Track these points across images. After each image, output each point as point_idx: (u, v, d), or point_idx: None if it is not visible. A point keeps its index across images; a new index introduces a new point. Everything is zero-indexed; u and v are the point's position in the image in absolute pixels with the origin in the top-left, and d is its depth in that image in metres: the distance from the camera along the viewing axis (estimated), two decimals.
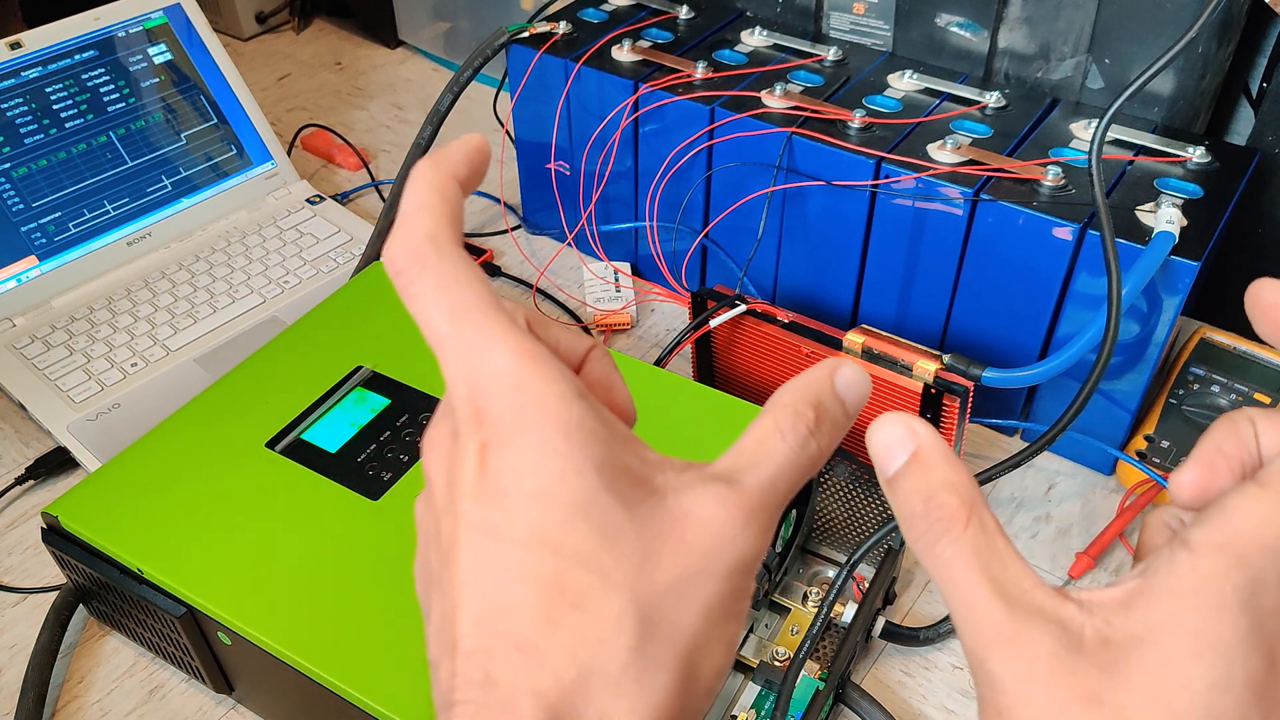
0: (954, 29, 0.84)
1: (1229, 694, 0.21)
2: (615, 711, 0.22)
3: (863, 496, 0.66)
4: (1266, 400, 0.75)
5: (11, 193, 0.84)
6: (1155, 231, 0.65)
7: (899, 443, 0.25)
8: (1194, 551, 0.22)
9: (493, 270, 0.94)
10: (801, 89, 0.80)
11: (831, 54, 0.83)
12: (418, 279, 0.25)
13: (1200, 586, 0.22)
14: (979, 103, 0.78)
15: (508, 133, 0.98)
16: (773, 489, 0.25)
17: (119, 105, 0.90)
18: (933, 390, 0.66)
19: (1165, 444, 0.73)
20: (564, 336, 0.29)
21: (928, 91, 0.80)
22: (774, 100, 0.77)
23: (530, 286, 0.92)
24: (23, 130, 0.85)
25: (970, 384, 0.66)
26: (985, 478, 0.67)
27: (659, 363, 0.75)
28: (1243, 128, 0.87)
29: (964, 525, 0.24)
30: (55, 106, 0.87)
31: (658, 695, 0.23)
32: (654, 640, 0.23)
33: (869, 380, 0.27)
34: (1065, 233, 0.67)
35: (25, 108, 0.85)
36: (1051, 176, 0.69)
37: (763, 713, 0.59)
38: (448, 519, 0.24)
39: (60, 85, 0.87)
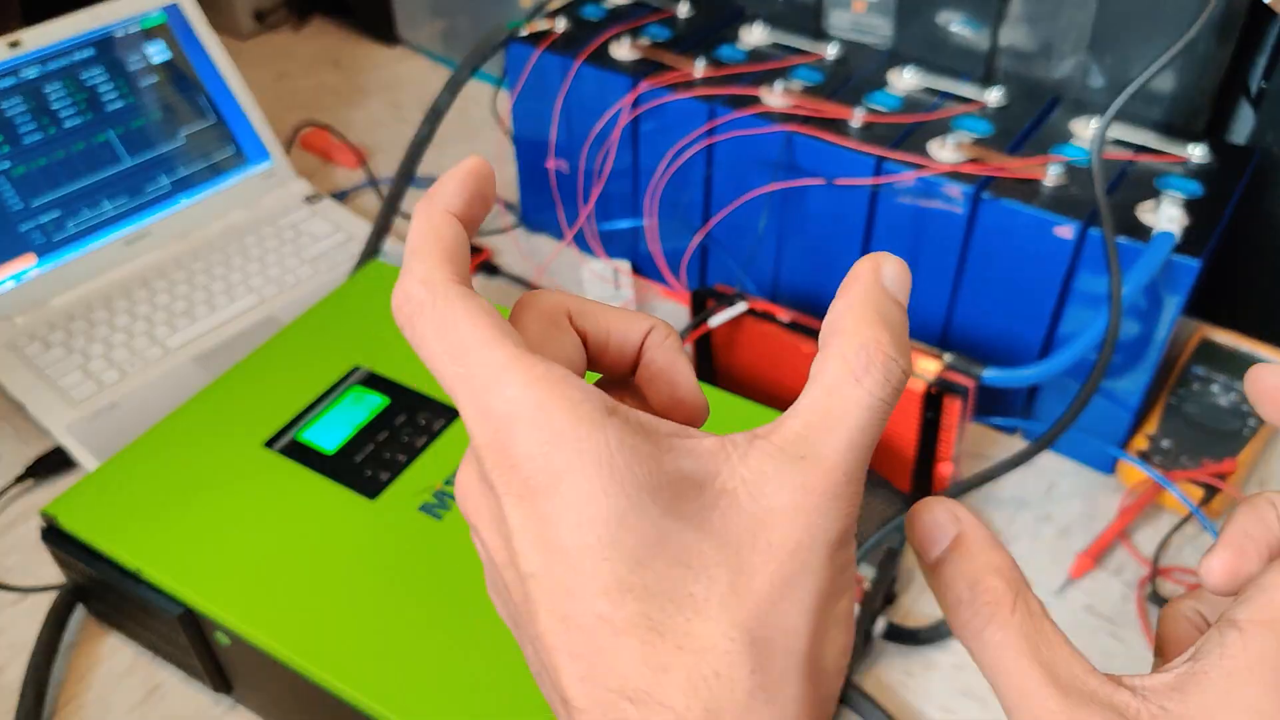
0: (955, 27, 0.84)
1: None
2: None
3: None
4: None
5: (10, 192, 0.84)
6: (1156, 230, 0.65)
7: (941, 528, 0.24)
8: (1244, 631, 0.22)
9: (491, 269, 0.94)
10: (802, 87, 0.79)
11: (832, 52, 0.83)
12: (418, 326, 0.23)
13: (1254, 666, 0.22)
14: (980, 101, 0.78)
15: (506, 131, 0.98)
16: (854, 451, 0.23)
17: (117, 104, 0.90)
18: (933, 390, 0.66)
19: (1166, 443, 0.73)
20: (615, 324, 0.26)
21: (928, 89, 0.80)
22: (774, 98, 0.77)
23: (529, 285, 0.92)
24: (21, 129, 0.85)
25: (971, 383, 0.66)
26: (985, 478, 0.67)
27: None
28: (1243, 127, 0.87)
29: (1011, 610, 0.23)
30: (54, 105, 0.87)
31: (790, 707, 0.22)
32: (771, 656, 0.21)
33: (907, 267, 0.24)
34: (1066, 231, 0.67)
35: (24, 107, 0.85)
36: (1052, 175, 0.69)
37: None
38: (512, 575, 0.23)
39: (59, 84, 0.87)
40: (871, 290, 0.23)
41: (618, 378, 0.27)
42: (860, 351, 0.22)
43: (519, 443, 0.22)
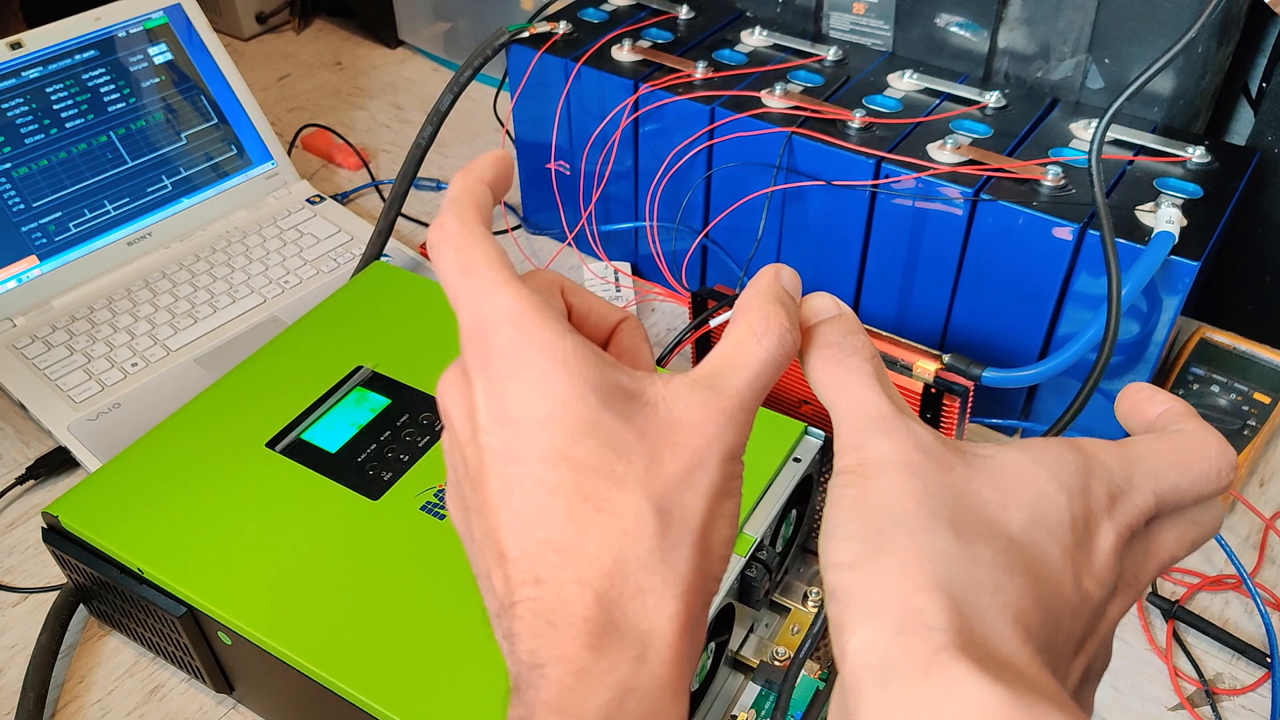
0: (954, 29, 0.84)
1: (1055, 508, 0.26)
2: (650, 585, 0.26)
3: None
4: (1266, 400, 0.75)
5: (12, 193, 0.84)
6: (1155, 231, 0.65)
7: (829, 307, 0.31)
8: (1062, 441, 0.28)
9: None
10: (801, 89, 0.80)
11: (831, 54, 0.84)
12: (444, 249, 0.29)
13: (1056, 450, 0.27)
14: (979, 103, 0.78)
15: (508, 133, 0.98)
16: (751, 389, 0.28)
17: (119, 105, 0.90)
18: (933, 390, 0.66)
19: None
20: (597, 305, 0.33)
21: (928, 91, 0.80)
22: (774, 100, 0.77)
23: None
24: (23, 130, 0.85)
25: (970, 384, 0.66)
26: None
27: (659, 362, 0.75)
28: (1242, 128, 0.87)
29: (870, 356, 0.29)
30: (56, 106, 0.87)
31: (681, 567, 0.27)
32: (670, 524, 0.27)
33: (798, 275, 0.32)
34: (1065, 233, 0.67)
35: (26, 108, 0.85)
36: (1051, 176, 0.69)
37: (763, 713, 0.59)
38: (471, 449, 0.28)
39: (61, 85, 0.87)
40: (773, 284, 0.30)
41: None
42: (762, 320, 0.29)
43: (496, 338, 0.27)
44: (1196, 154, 0.72)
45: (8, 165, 0.84)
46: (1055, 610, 0.25)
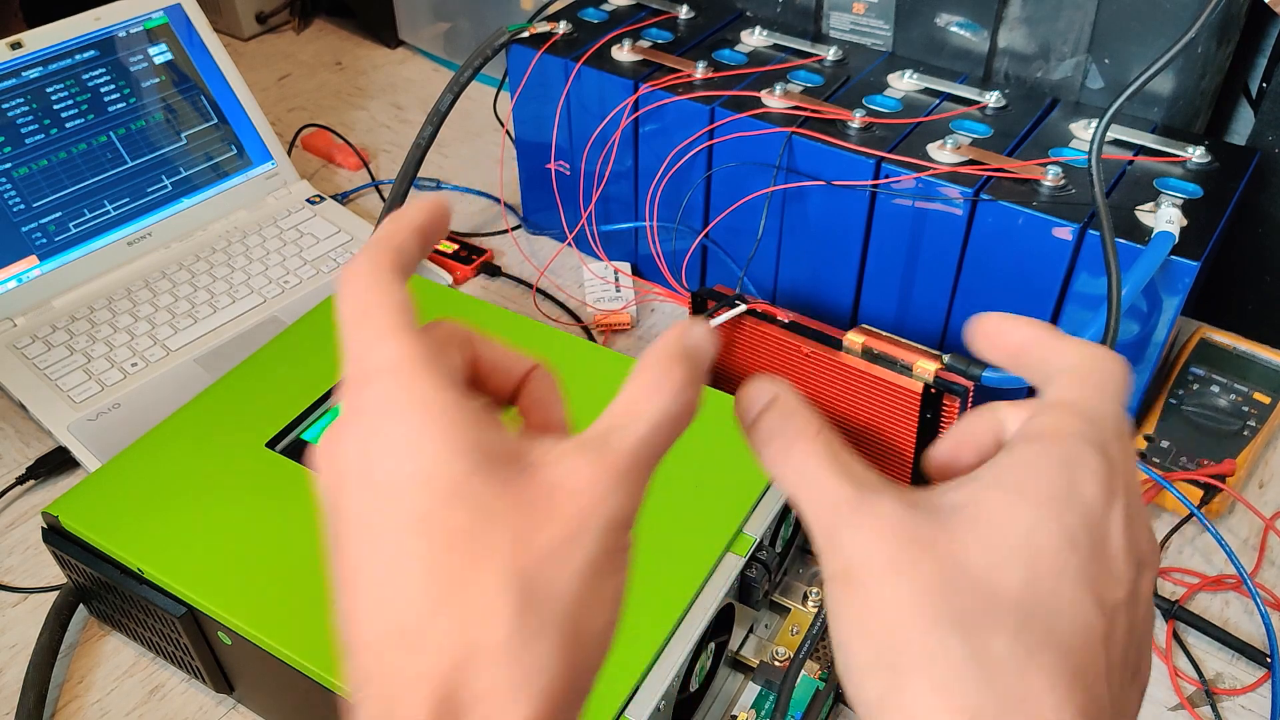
0: (954, 29, 0.84)
1: (1050, 537, 0.24)
2: (501, 683, 0.23)
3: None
4: (1266, 400, 0.75)
5: (12, 192, 0.84)
6: (1155, 231, 0.65)
7: (760, 393, 0.28)
8: (1010, 445, 0.27)
9: (493, 270, 0.94)
10: (801, 89, 0.80)
11: (831, 54, 0.84)
12: (343, 289, 0.28)
13: (1018, 460, 0.26)
14: (979, 103, 0.78)
15: (508, 133, 0.98)
16: (644, 446, 0.26)
17: (119, 105, 0.90)
18: (933, 390, 0.66)
19: (1165, 444, 0.73)
20: (504, 357, 0.31)
21: (928, 91, 0.80)
22: (774, 100, 0.77)
23: (530, 287, 0.92)
24: (23, 130, 0.85)
25: (970, 384, 0.66)
26: None
27: None
28: (1242, 128, 0.87)
29: (816, 433, 0.27)
30: (56, 106, 0.87)
31: (541, 660, 0.23)
32: (534, 606, 0.24)
33: (715, 334, 0.29)
34: (1065, 233, 0.67)
35: (26, 108, 0.86)
36: (1051, 176, 0.69)
37: (763, 713, 0.59)
38: (333, 516, 0.26)
39: (61, 85, 0.87)
40: (675, 341, 0.28)
41: (501, 401, 0.32)
42: (655, 377, 0.27)
43: (371, 389, 0.26)
44: (1196, 154, 0.72)
45: (8, 165, 0.84)
46: (1091, 658, 0.24)
